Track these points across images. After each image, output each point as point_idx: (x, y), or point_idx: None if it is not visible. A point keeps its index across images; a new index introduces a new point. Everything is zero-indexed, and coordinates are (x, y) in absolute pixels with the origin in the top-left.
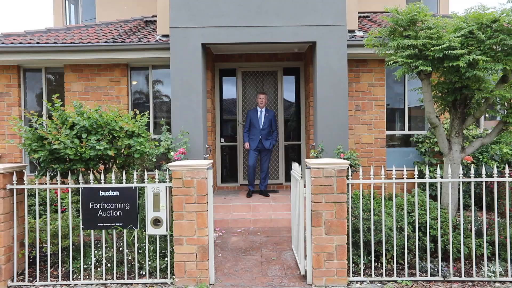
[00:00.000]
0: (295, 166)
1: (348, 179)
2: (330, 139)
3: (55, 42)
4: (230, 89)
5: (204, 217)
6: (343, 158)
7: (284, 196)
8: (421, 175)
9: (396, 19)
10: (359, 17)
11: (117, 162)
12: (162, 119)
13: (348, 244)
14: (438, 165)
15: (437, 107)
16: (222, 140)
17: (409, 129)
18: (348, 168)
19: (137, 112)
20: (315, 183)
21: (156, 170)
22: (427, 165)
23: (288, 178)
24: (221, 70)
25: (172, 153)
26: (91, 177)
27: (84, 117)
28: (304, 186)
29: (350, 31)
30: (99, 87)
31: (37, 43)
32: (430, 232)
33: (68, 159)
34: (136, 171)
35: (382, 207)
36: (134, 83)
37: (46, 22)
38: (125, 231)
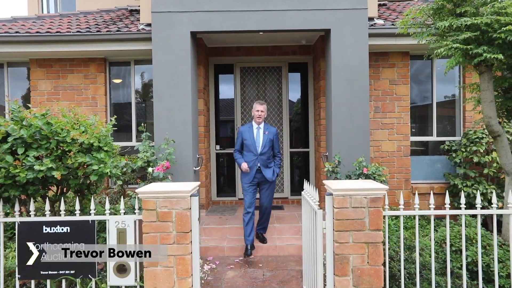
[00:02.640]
0: (307, 187)
1: (384, 209)
2: (347, 148)
3: (16, 32)
4: (227, 88)
5: (187, 262)
6: (366, 174)
7: (290, 215)
8: (455, 189)
9: None
10: None
11: (71, 185)
12: (142, 124)
13: None
14: (501, 190)
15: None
16: (218, 146)
17: (437, 134)
18: (385, 196)
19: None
20: (340, 216)
21: (122, 198)
22: (461, 178)
23: (294, 190)
24: (216, 66)
25: (150, 169)
26: (32, 207)
27: (22, 125)
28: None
29: (369, 19)
30: (71, 85)
31: None
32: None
33: None
34: (98, 194)
35: (431, 247)
36: (115, 81)
37: (21, 13)
38: (78, 281)
